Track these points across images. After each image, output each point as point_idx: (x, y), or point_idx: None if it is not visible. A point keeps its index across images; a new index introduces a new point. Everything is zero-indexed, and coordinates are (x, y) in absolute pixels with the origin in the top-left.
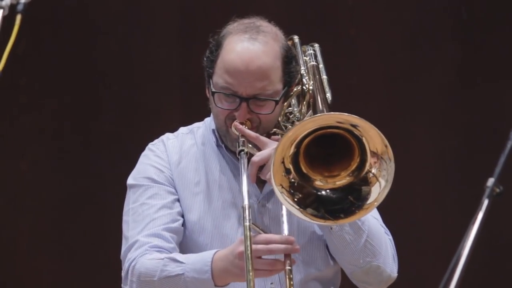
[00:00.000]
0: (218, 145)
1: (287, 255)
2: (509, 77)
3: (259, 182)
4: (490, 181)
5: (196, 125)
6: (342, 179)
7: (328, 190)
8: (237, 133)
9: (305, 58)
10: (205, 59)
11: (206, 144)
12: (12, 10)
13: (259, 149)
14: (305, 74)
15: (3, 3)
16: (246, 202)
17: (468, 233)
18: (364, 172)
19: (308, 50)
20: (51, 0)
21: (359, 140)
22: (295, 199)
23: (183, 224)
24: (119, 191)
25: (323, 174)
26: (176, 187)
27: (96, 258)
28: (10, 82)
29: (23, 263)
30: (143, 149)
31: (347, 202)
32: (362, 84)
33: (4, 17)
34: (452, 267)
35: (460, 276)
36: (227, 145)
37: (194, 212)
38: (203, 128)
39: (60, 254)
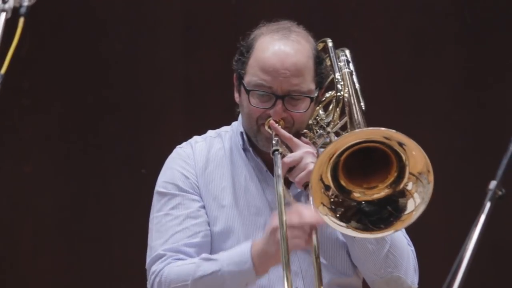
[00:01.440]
0: (244, 149)
1: (313, 230)
2: None
3: (286, 183)
4: (493, 184)
5: (223, 129)
6: (380, 191)
7: (366, 202)
8: (270, 132)
9: (339, 63)
10: (234, 62)
11: (233, 148)
12: (15, 13)
13: (290, 151)
14: (340, 80)
15: (6, 6)
16: (280, 193)
17: (470, 235)
18: (401, 186)
19: (341, 55)
20: (53, 3)
21: (398, 156)
22: (338, 215)
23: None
24: (123, 193)
25: (362, 186)
26: (201, 193)
27: (100, 260)
28: (14, 85)
29: (27, 265)
30: (147, 151)
31: (385, 213)
32: (366, 87)
33: (7, 20)
34: (454, 269)
35: (462, 279)
36: (258, 145)
37: (220, 219)
38: (231, 132)
39: (64, 256)
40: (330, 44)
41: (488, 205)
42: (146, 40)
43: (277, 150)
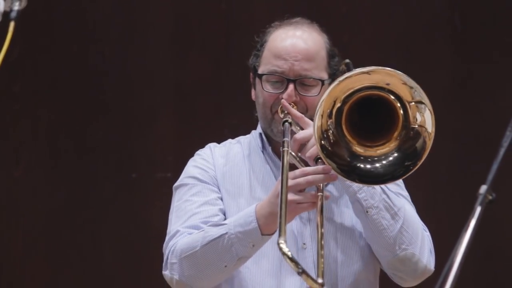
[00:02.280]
0: (263, 150)
1: (320, 189)
2: (503, 85)
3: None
4: (483, 188)
5: (242, 136)
6: (386, 147)
7: (371, 162)
8: (282, 115)
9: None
10: (250, 61)
11: (251, 151)
12: (5, 17)
13: (302, 129)
14: None
15: None
16: (285, 160)
17: (460, 240)
18: (411, 129)
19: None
20: (44, 7)
21: (400, 100)
22: (323, 144)
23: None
24: (114, 198)
25: (362, 143)
26: (219, 186)
27: (90, 264)
28: (4, 89)
29: (17, 269)
30: (137, 155)
31: (401, 169)
32: None
33: None
34: (444, 274)
35: (452, 284)
36: (273, 136)
37: (235, 210)
38: (250, 137)
39: (54, 260)
40: (347, 60)
41: (478, 209)
42: (137, 44)
43: (287, 121)
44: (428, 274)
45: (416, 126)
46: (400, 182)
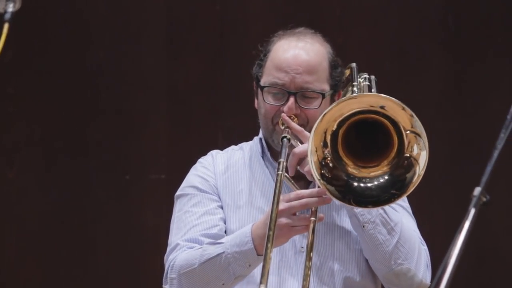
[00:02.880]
0: (263, 155)
1: (314, 212)
2: (496, 86)
3: (298, 179)
4: (477, 190)
5: (245, 143)
6: (379, 170)
7: (364, 183)
8: (283, 127)
9: (359, 79)
10: (253, 70)
11: (252, 157)
12: None
13: (302, 143)
14: (356, 91)
15: None
16: (279, 177)
17: (455, 242)
18: (404, 158)
19: (363, 74)
20: (38, 9)
21: (396, 126)
22: (322, 173)
23: (225, 231)
24: (107, 199)
25: (356, 164)
26: (219, 195)
27: (84, 266)
28: None
29: (9, 271)
30: (131, 157)
31: (386, 195)
32: None
33: None
34: (439, 276)
35: (446, 286)
36: (273, 145)
37: (235, 219)
38: (252, 143)
39: (47, 262)
40: (353, 65)
41: (472, 211)
42: (131, 46)
43: (285, 137)
44: None
45: (410, 157)
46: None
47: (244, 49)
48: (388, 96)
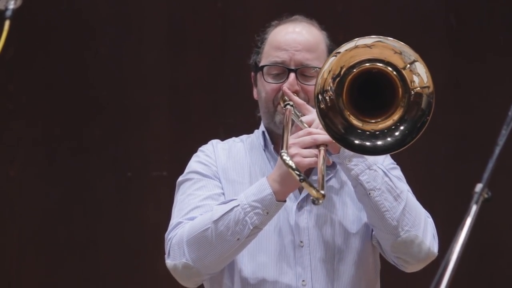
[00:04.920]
0: (265, 149)
1: (322, 148)
2: (498, 83)
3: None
4: (478, 187)
5: (245, 135)
6: (389, 120)
7: (370, 138)
8: (283, 105)
9: None
10: (251, 59)
11: (253, 149)
12: (0, 16)
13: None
14: None
15: None
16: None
17: (456, 238)
18: (412, 95)
19: None
20: (39, 6)
21: (397, 72)
22: (320, 99)
23: None
24: (109, 197)
25: (363, 119)
26: (220, 180)
27: (86, 263)
28: None
29: (12, 269)
30: (133, 154)
31: (399, 135)
32: None
33: None
34: (440, 273)
35: (448, 282)
36: (275, 129)
37: None
38: (253, 136)
39: (49, 259)
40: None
41: (474, 208)
42: (132, 43)
43: (289, 104)
44: (432, 258)
45: (416, 88)
46: (401, 175)
47: (245, 46)
48: (377, 38)
